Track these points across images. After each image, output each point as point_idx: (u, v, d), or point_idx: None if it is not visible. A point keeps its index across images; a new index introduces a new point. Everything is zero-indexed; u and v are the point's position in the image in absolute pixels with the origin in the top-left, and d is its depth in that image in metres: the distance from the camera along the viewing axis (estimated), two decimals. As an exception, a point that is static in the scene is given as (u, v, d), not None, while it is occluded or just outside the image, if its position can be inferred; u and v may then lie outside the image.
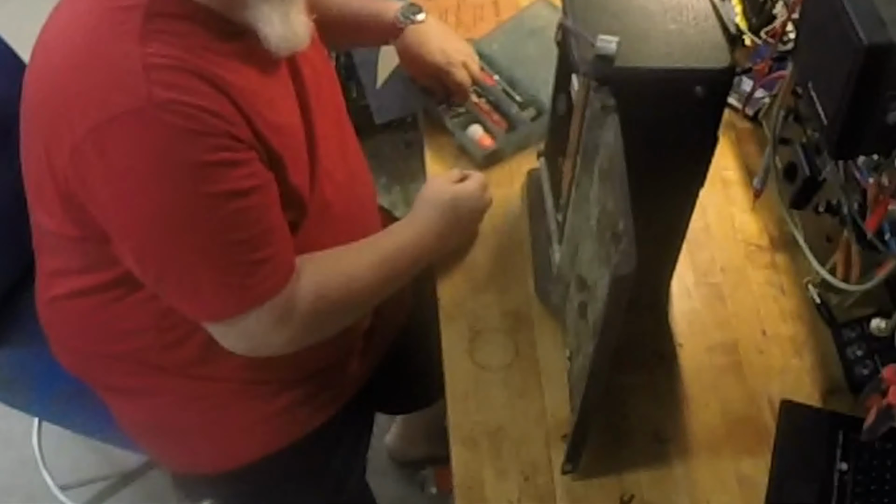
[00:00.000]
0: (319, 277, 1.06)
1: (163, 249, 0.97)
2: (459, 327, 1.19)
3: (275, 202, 1.01)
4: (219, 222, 0.95)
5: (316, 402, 1.23)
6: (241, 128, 0.94)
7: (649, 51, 0.94)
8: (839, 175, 1.02)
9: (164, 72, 0.89)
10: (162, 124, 0.88)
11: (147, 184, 0.91)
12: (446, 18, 1.58)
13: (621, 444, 1.08)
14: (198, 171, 0.91)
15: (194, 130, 0.90)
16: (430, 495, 1.89)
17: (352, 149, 1.25)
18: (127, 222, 0.96)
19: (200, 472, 1.28)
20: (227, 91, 0.93)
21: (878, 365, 1.07)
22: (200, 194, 0.92)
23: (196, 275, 0.98)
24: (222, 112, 0.92)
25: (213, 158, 0.91)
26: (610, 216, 0.84)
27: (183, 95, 0.89)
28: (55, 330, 1.23)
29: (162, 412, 1.21)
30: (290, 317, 1.04)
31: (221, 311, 1.01)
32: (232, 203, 0.94)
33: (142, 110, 0.88)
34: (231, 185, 0.93)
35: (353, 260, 1.12)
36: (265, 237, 0.99)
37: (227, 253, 0.97)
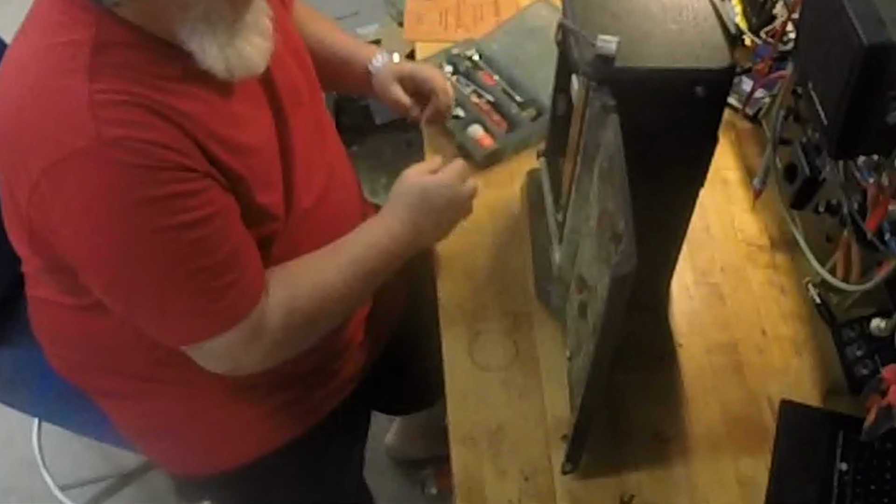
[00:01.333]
0: (288, 291, 1.05)
1: (126, 282, 0.97)
2: (459, 327, 1.19)
3: (235, 225, 1.00)
4: (179, 253, 0.94)
5: (310, 401, 1.23)
6: (194, 157, 0.93)
7: (649, 51, 0.94)
8: (839, 175, 1.02)
9: (111, 108, 0.88)
10: (112, 162, 0.88)
11: (104, 221, 0.91)
12: (446, 18, 1.58)
13: (621, 444, 1.08)
14: (152, 206, 0.91)
15: (145, 166, 0.89)
16: (430, 495, 1.89)
17: (332, 150, 1.23)
18: (89, 257, 0.96)
19: (197, 473, 1.28)
20: (179, 121, 0.92)
21: (878, 365, 1.07)
22: (157, 228, 0.92)
23: (162, 303, 0.98)
24: (173, 144, 0.91)
25: (167, 192, 0.91)
26: (610, 216, 0.84)
27: (132, 131, 0.89)
28: (42, 333, 1.23)
29: (155, 415, 1.21)
30: (261, 336, 1.03)
31: (190, 336, 1.01)
32: (190, 233, 0.94)
33: (91, 149, 0.87)
34: (187, 215, 0.93)
35: (321, 266, 1.09)
36: (228, 262, 0.98)
37: (190, 281, 0.97)
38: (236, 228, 1.00)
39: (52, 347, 1.24)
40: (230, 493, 1.31)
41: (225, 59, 0.95)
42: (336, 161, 1.23)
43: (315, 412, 1.24)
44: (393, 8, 2.22)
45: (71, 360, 1.22)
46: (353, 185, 1.29)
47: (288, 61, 1.11)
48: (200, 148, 0.94)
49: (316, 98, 1.21)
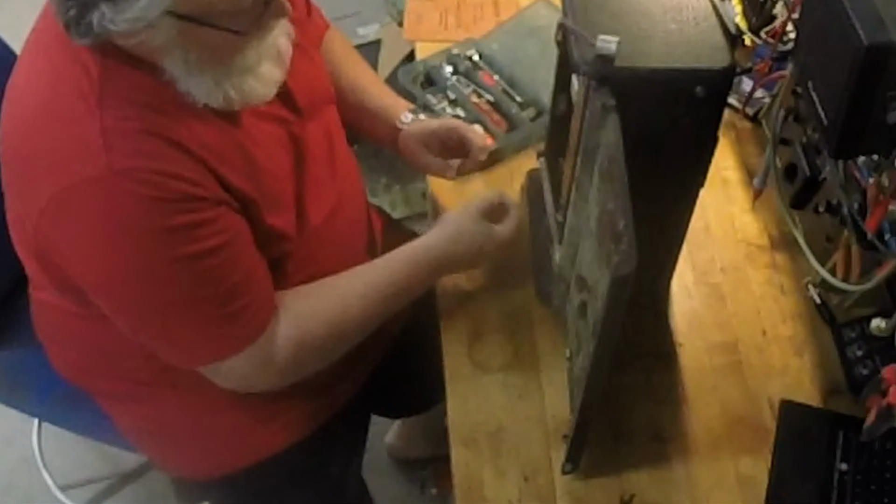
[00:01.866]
0: (300, 326, 1.05)
1: (135, 308, 0.97)
2: (459, 327, 1.19)
3: (246, 250, 0.99)
4: (190, 281, 0.94)
5: (311, 406, 1.23)
6: (206, 186, 0.92)
7: (649, 51, 0.94)
8: (839, 175, 1.02)
9: (123, 137, 0.88)
10: (123, 192, 0.87)
11: (114, 250, 0.91)
12: (446, 18, 1.58)
13: (621, 444, 1.08)
14: (163, 237, 0.90)
15: (156, 197, 0.88)
16: (430, 495, 1.89)
17: (342, 159, 1.21)
18: (98, 283, 0.96)
19: (198, 476, 1.28)
20: (191, 148, 0.91)
21: (878, 365, 1.07)
22: (168, 258, 0.92)
23: (170, 329, 0.98)
24: (185, 174, 0.90)
25: (178, 223, 0.90)
26: (610, 216, 0.84)
27: (143, 161, 0.88)
28: (45, 335, 1.23)
29: (157, 419, 1.21)
30: (272, 360, 1.03)
31: (198, 360, 1.02)
32: (200, 263, 0.93)
33: (102, 179, 0.87)
34: (198, 245, 0.92)
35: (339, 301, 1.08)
36: (238, 288, 0.98)
37: (199, 309, 0.97)
38: (247, 254, 0.99)
39: (54, 349, 1.24)
40: (231, 496, 1.31)
41: (222, 93, 0.93)
42: (345, 170, 1.22)
43: (316, 417, 1.24)
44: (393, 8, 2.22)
45: (73, 363, 1.22)
46: (360, 193, 1.28)
47: (307, 72, 1.10)
48: (212, 174, 0.93)
49: (330, 106, 1.21)
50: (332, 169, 1.17)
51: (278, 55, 0.99)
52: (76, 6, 0.84)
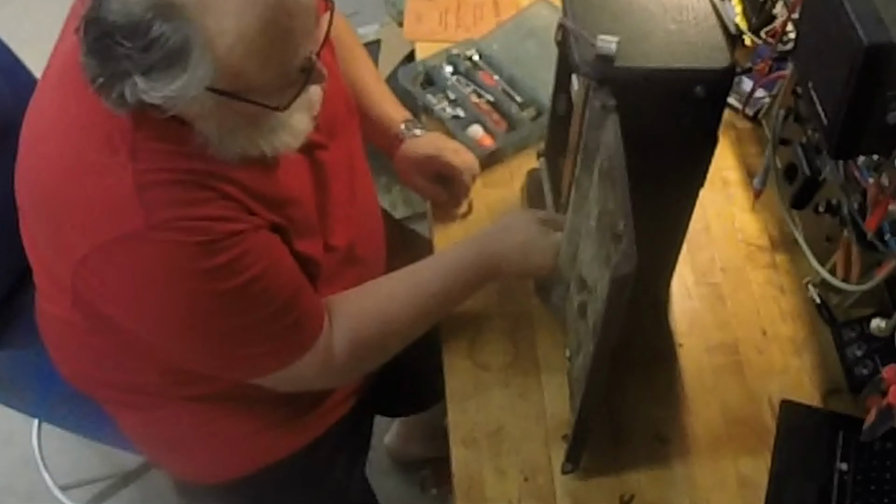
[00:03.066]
0: (354, 324, 1.07)
1: (192, 343, 0.99)
2: (459, 327, 1.19)
3: (287, 265, 1.01)
4: (242, 310, 0.96)
5: (316, 412, 1.23)
6: (242, 219, 0.93)
7: (649, 51, 0.94)
8: (839, 175, 1.02)
9: (157, 190, 0.88)
10: (164, 242, 0.88)
11: (161, 294, 0.92)
12: (446, 18, 1.58)
13: (621, 444, 1.08)
14: (210, 275, 0.91)
15: (199, 242, 0.89)
16: (430, 495, 1.89)
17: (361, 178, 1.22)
18: (150, 326, 0.98)
19: (201, 481, 1.28)
20: (222, 188, 0.92)
21: (878, 365, 1.07)
22: (217, 293, 0.93)
23: (227, 352, 1.00)
24: (221, 214, 0.91)
25: (222, 260, 0.91)
26: (610, 216, 0.84)
27: (180, 210, 0.88)
28: (51, 343, 1.23)
29: (162, 423, 1.21)
30: (332, 361, 1.05)
31: (259, 373, 1.04)
32: (249, 290, 0.94)
33: (141, 234, 0.87)
34: (245, 276, 0.93)
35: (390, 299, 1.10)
36: (288, 304, 0.99)
37: (256, 329, 0.98)
38: (288, 268, 1.01)
39: (60, 356, 1.24)
40: (235, 500, 1.31)
41: (254, 148, 0.94)
42: (364, 189, 1.23)
43: (319, 424, 1.24)
44: (393, 8, 2.21)
45: (79, 371, 1.22)
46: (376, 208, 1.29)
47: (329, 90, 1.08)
48: (247, 209, 0.94)
49: (352, 125, 1.21)
50: (352, 189, 1.18)
51: (310, 104, 0.99)
52: (105, 76, 0.83)
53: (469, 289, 1.13)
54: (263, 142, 0.94)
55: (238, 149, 0.93)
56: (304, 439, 1.23)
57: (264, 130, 0.94)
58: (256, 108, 0.88)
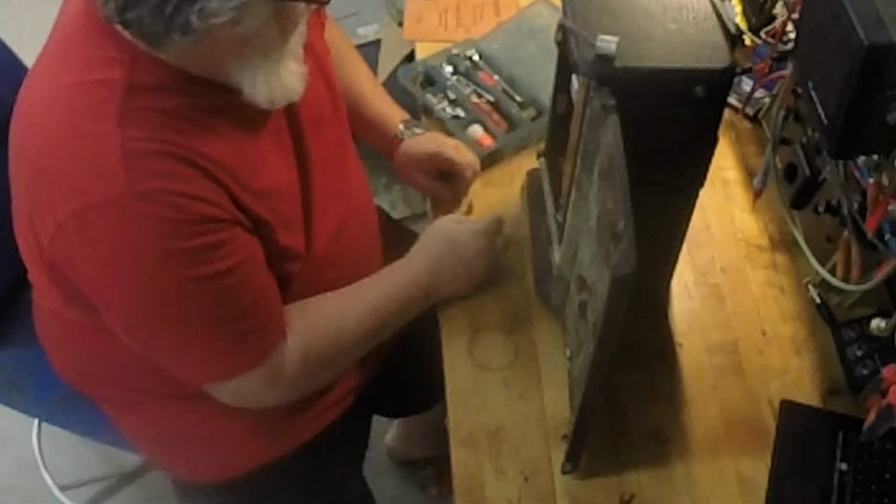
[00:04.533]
0: (306, 336, 1.06)
1: (148, 326, 0.98)
2: (459, 327, 1.19)
3: (260, 270, 1.00)
4: (204, 301, 0.95)
5: (314, 411, 1.23)
6: (223, 206, 0.93)
7: (649, 51, 0.94)
8: (839, 175, 1.02)
9: (144, 159, 0.88)
10: (143, 214, 0.88)
11: (130, 269, 0.92)
12: (446, 18, 1.58)
13: (621, 444, 1.08)
14: (181, 257, 0.91)
15: (176, 219, 0.89)
16: (430, 495, 1.89)
17: (351, 171, 1.22)
18: (112, 301, 0.97)
19: (200, 480, 1.28)
20: (209, 169, 0.92)
21: (878, 365, 1.07)
22: (184, 278, 0.92)
23: (182, 347, 0.99)
24: (204, 195, 0.91)
25: (196, 244, 0.91)
26: (610, 216, 0.84)
27: (164, 183, 0.88)
28: (48, 342, 1.23)
29: (159, 422, 1.21)
30: (279, 379, 1.05)
31: (209, 377, 1.03)
32: (214, 283, 0.94)
33: (122, 200, 0.87)
34: (215, 266, 0.93)
35: (343, 313, 1.10)
36: (251, 308, 0.99)
37: (213, 328, 0.97)
38: (261, 274, 1.00)
39: (56, 354, 1.24)
40: (233, 499, 1.31)
41: (270, 89, 0.94)
42: (354, 182, 1.22)
43: (318, 422, 1.24)
44: (393, 8, 2.22)
45: (76, 369, 1.22)
46: (368, 204, 1.29)
47: (314, 82, 1.10)
48: (229, 195, 0.94)
49: (340, 116, 1.20)
50: (340, 182, 1.17)
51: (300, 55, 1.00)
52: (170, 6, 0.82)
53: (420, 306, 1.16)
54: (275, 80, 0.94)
55: (260, 89, 0.93)
56: (302, 438, 1.23)
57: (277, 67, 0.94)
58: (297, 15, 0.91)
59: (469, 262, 1.17)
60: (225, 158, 0.94)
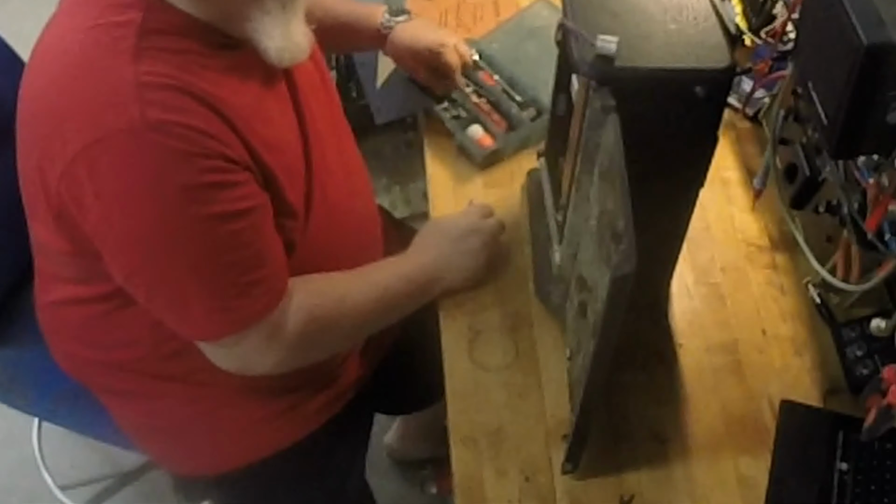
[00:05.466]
0: (310, 300, 1.05)
1: (153, 269, 0.96)
2: (459, 327, 1.19)
3: (268, 223, 1.00)
4: (210, 244, 0.94)
5: (315, 403, 1.23)
6: (235, 148, 0.93)
7: (649, 51, 0.94)
8: (839, 175, 1.02)
9: (157, 91, 0.88)
10: (154, 145, 0.87)
11: (139, 204, 0.91)
12: (446, 18, 1.58)
13: (621, 444, 1.08)
14: (190, 193, 0.90)
15: (187, 152, 0.88)
16: (430, 495, 1.89)
17: (348, 152, 1.24)
18: (117, 241, 0.95)
19: (200, 473, 1.28)
20: (222, 111, 0.92)
21: (878, 365, 1.07)
22: (192, 216, 0.91)
23: (186, 295, 0.97)
24: (216, 133, 0.91)
25: (207, 180, 0.90)
26: (610, 216, 0.84)
27: (176, 116, 0.88)
28: (52, 334, 1.23)
29: (161, 415, 1.21)
30: (280, 339, 1.03)
31: (211, 332, 1.01)
32: (224, 225, 0.93)
33: (134, 130, 0.86)
34: (224, 207, 0.92)
35: (348, 285, 1.10)
36: (257, 259, 0.98)
37: (218, 274, 0.96)
38: (268, 227, 1.00)
39: (60, 345, 1.23)
40: (233, 493, 1.31)
41: (282, 42, 0.96)
42: (352, 162, 1.23)
43: (319, 415, 1.24)
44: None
45: (79, 357, 1.22)
46: (367, 189, 1.29)
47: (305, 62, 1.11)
48: (241, 140, 0.94)
49: (333, 100, 1.21)
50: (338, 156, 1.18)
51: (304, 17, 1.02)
52: None
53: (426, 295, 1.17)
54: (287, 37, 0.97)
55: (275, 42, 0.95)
56: (303, 431, 1.23)
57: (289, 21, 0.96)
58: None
59: (464, 242, 1.18)
60: (236, 104, 0.94)
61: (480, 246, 1.19)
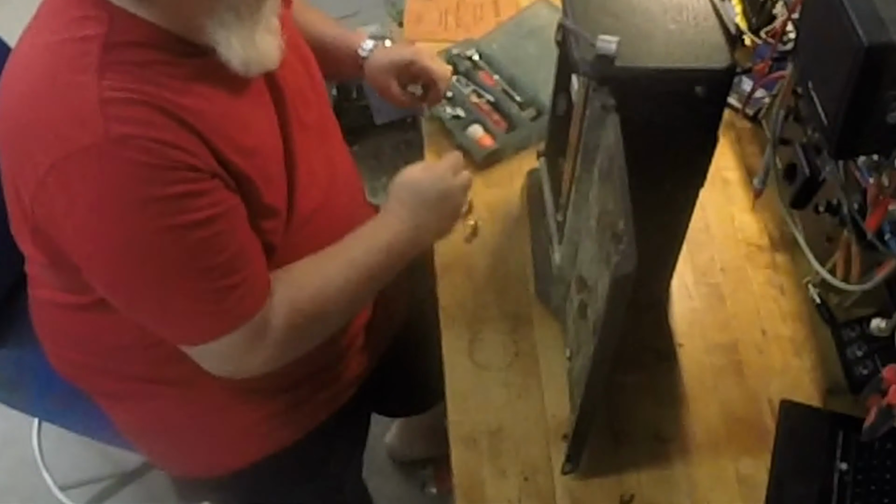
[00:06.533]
0: (291, 293, 1.04)
1: (130, 280, 0.97)
2: (459, 327, 1.19)
3: (242, 226, 0.99)
4: (184, 252, 0.94)
5: (312, 404, 1.23)
6: (202, 157, 0.93)
7: (649, 51, 0.94)
8: (839, 175, 1.02)
9: (120, 106, 0.88)
10: (119, 160, 0.88)
11: (109, 218, 0.91)
12: (446, 18, 1.58)
13: (621, 444, 1.08)
14: (158, 205, 0.91)
15: (152, 164, 0.89)
16: (430, 495, 1.89)
17: (335, 152, 1.22)
18: (93, 254, 0.96)
19: (197, 475, 1.28)
20: (188, 120, 0.92)
21: (878, 365, 1.07)
22: (163, 227, 0.92)
23: (166, 302, 0.98)
24: (181, 143, 0.91)
25: (174, 191, 0.91)
26: (610, 216, 0.84)
27: (140, 129, 0.88)
28: (44, 334, 1.23)
29: (156, 416, 1.21)
30: (264, 338, 1.03)
31: (195, 336, 1.01)
32: (196, 233, 0.93)
33: (99, 146, 0.87)
34: (193, 215, 0.93)
35: (325, 268, 1.09)
36: (234, 263, 0.98)
37: (195, 281, 0.96)
38: (243, 230, 0.99)
39: (53, 348, 1.24)
40: (230, 494, 1.31)
41: (245, 52, 0.95)
42: (339, 164, 1.22)
43: (316, 416, 1.24)
44: (393, 8, 2.22)
45: (72, 361, 1.22)
46: (356, 189, 1.28)
47: (292, 62, 1.11)
48: (209, 148, 0.94)
49: (321, 100, 1.21)
50: (324, 158, 1.17)
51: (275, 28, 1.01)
52: None
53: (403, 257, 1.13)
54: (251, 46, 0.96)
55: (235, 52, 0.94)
56: (299, 432, 1.23)
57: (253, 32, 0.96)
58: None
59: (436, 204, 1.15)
60: (204, 112, 0.94)
61: (456, 207, 1.17)
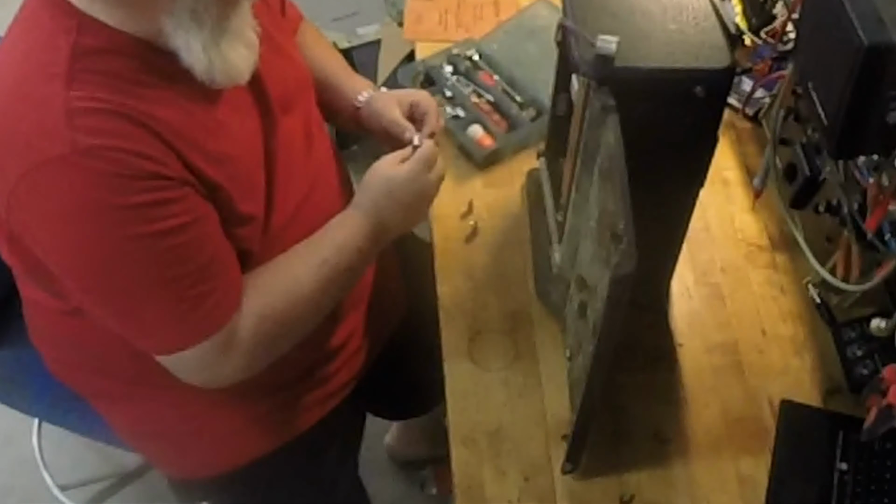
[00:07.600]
0: (260, 300, 1.04)
1: (102, 288, 0.97)
2: (459, 327, 1.19)
3: (214, 234, 0.99)
4: (155, 261, 0.94)
5: (306, 403, 1.23)
6: (171, 166, 0.93)
7: (649, 51, 0.94)
8: (839, 175, 1.02)
9: (88, 116, 0.88)
10: (87, 170, 0.88)
11: (79, 228, 0.91)
12: (446, 18, 1.58)
13: (621, 444, 1.08)
14: (127, 214, 0.90)
15: (120, 174, 0.89)
16: (430, 495, 1.89)
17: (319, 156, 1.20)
18: (66, 263, 0.96)
19: (192, 476, 1.28)
20: (156, 128, 0.92)
21: (878, 365, 1.07)
22: (132, 236, 0.92)
23: (138, 310, 0.98)
24: (150, 153, 0.91)
25: (142, 200, 0.90)
26: (610, 216, 0.84)
27: (107, 140, 0.88)
28: (36, 336, 1.23)
29: (148, 418, 1.21)
30: (235, 346, 1.02)
31: (166, 345, 1.01)
32: (165, 241, 0.93)
33: (66, 157, 0.87)
34: (163, 224, 0.92)
35: (292, 269, 1.08)
36: (205, 271, 0.97)
37: (166, 289, 0.96)
38: (215, 237, 0.99)
39: (44, 349, 1.24)
40: (226, 495, 1.31)
41: (208, 60, 0.94)
42: (322, 167, 1.20)
43: (310, 415, 1.24)
44: (393, 8, 2.22)
45: (63, 362, 1.22)
46: (336, 194, 1.25)
47: (281, 66, 1.10)
48: (178, 156, 0.93)
49: (308, 103, 1.20)
50: (306, 162, 1.16)
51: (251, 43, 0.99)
52: None
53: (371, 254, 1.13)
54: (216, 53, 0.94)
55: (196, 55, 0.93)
56: (293, 433, 1.23)
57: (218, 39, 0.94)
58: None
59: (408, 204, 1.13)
60: (174, 120, 0.94)
61: (429, 201, 1.15)
